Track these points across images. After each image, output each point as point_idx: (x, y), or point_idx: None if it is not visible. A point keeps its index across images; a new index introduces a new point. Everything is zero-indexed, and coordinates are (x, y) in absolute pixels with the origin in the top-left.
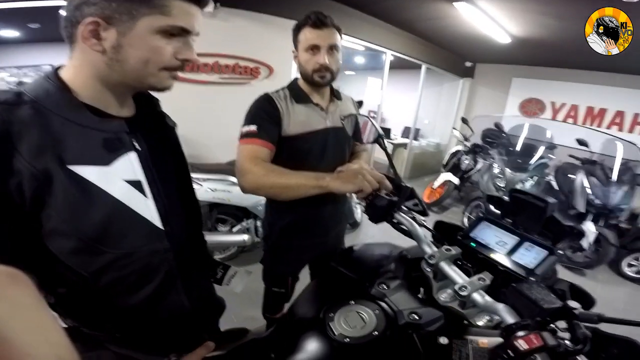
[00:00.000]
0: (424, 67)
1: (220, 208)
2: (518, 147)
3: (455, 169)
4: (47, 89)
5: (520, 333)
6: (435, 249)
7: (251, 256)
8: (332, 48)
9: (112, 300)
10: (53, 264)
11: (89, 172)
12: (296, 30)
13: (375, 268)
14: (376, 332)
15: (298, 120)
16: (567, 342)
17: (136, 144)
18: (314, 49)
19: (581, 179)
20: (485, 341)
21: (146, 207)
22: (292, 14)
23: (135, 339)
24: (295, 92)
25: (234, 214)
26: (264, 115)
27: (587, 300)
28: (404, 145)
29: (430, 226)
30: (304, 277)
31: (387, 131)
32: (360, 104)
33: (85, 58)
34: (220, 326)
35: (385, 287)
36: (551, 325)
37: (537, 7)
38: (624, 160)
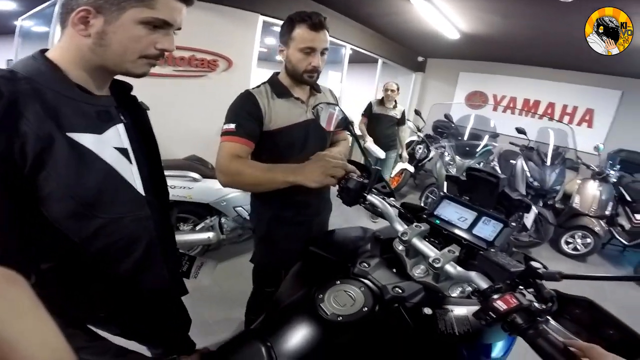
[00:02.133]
0: (380, 61)
1: (181, 206)
2: (465, 136)
3: (410, 158)
4: (37, 67)
5: (496, 296)
6: (406, 226)
7: (217, 254)
8: (325, 50)
9: (100, 270)
10: (46, 232)
11: (86, 139)
12: (289, 26)
13: (353, 249)
14: (366, 308)
15: (279, 115)
16: (535, 303)
17: (122, 117)
18: (309, 50)
19: (521, 164)
20: (464, 309)
21: (131, 174)
22: (252, 6)
23: (119, 319)
24: (276, 87)
25: (196, 212)
26: (243, 114)
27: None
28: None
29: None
30: None
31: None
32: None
33: (72, 42)
34: (197, 328)
35: (366, 265)
36: (520, 288)
37: (484, 4)
38: (555, 146)
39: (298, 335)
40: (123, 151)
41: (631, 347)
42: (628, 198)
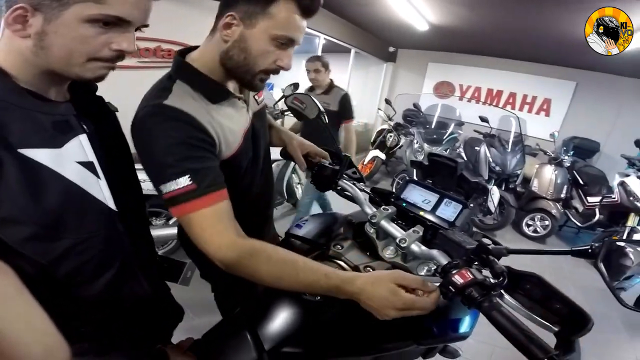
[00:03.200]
0: (353, 51)
1: (151, 200)
2: (433, 125)
3: (381, 145)
4: None
5: (454, 271)
6: (375, 209)
7: None
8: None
9: (74, 290)
10: (9, 255)
11: (41, 155)
12: None
13: (328, 233)
14: None
15: (231, 131)
16: (490, 279)
17: (84, 126)
18: (286, 42)
19: (484, 150)
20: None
21: (99, 189)
22: None
23: (101, 332)
24: (207, 88)
25: None
26: (192, 151)
27: (497, 245)
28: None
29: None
30: None
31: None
32: (295, 86)
33: (12, 44)
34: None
35: (340, 247)
36: (476, 264)
37: None
38: (516, 133)
39: (280, 317)
40: (88, 165)
41: (576, 321)
42: (581, 182)
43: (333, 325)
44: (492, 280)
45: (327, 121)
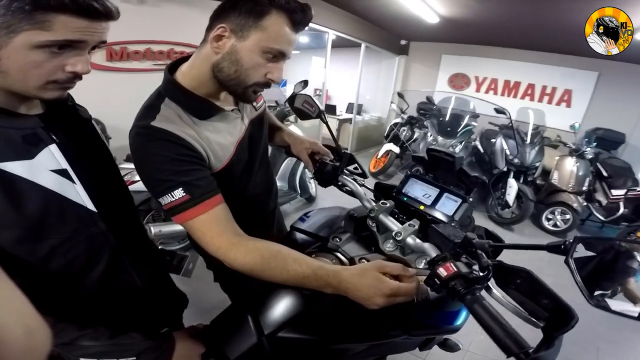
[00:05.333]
0: (363, 45)
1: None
2: (447, 117)
3: (395, 139)
4: None
5: (440, 263)
6: (374, 204)
7: None
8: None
9: (65, 285)
10: (1, 257)
11: (15, 167)
12: (259, 7)
13: (329, 226)
14: None
15: (220, 145)
16: (476, 272)
17: (54, 137)
18: (277, 55)
19: (500, 142)
20: (423, 278)
21: (76, 193)
22: None
23: (108, 318)
24: (193, 105)
25: None
26: (181, 166)
27: (497, 240)
28: (349, 121)
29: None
30: None
31: (333, 108)
32: (305, 83)
33: None
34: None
35: (338, 240)
36: (465, 258)
37: None
38: (534, 126)
39: (280, 305)
40: (62, 172)
41: (561, 317)
42: (605, 174)
43: (328, 312)
44: (477, 274)
45: (327, 120)
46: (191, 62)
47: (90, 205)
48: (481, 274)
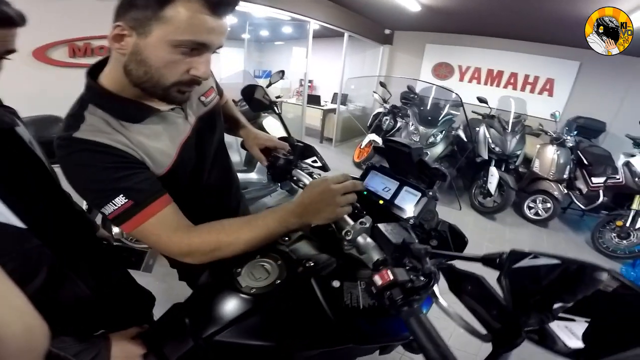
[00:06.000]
0: (346, 35)
1: None
2: (428, 107)
3: (378, 129)
4: None
5: (381, 268)
6: None
7: None
8: (218, 49)
9: None
10: None
11: None
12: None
13: None
14: (279, 281)
15: (156, 150)
16: (422, 278)
17: None
18: (196, 47)
19: (483, 131)
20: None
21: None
22: None
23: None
24: (120, 109)
25: None
26: (118, 173)
27: (460, 239)
28: (334, 111)
29: None
30: None
31: (317, 98)
32: (282, 73)
33: None
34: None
35: (287, 239)
36: (410, 262)
37: None
38: (516, 114)
39: (218, 308)
40: None
41: (508, 332)
42: (585, 161)
43: (272, 318)
44: (420, 282)
45: (280, 111)
46: (108, 66)
47: (19, 223)
48: (420, 282)
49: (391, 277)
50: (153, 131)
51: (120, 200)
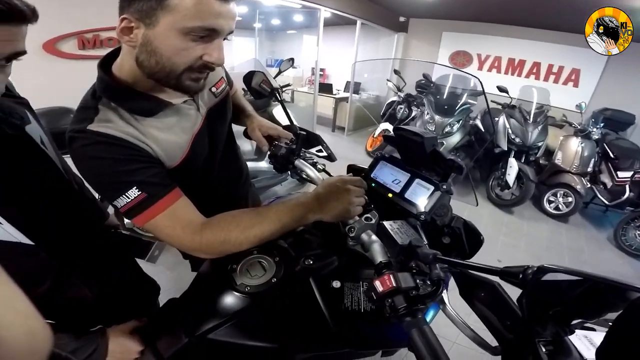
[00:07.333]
0: (359, 22)
1: None
2: (444, 95)
3: (392, 118)
4: None
5: (384, 272)
6: None
7: None
8: (229, 34)
9: None
10: None
11: None
12: None
13: None
14: (275, 279)
15: (169, 142)
16: (428, 283)
17: None
18: (206, 33)
19: (503, 121)
20: None
21: (6, 233)
22: None
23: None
24: (134, 104)
25: None
26: (130, 166)
27: (476, 237)
28: (346, 99)
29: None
30: None
31: (329, 86)
32: (292, 61)
33: None
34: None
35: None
36: (417, 266)
37: None
38: (538, 104)
39: (211, 306)
40: None
41: (522, 342)
42: (611, 155)
43: (268, 319)
44: (424, 289)
45: (282, 98)
46: (121, 56)
47: (25, 240)
48: (426, 289)
49: (394, 284)
50: (166, 124)
51: (133, 192)
